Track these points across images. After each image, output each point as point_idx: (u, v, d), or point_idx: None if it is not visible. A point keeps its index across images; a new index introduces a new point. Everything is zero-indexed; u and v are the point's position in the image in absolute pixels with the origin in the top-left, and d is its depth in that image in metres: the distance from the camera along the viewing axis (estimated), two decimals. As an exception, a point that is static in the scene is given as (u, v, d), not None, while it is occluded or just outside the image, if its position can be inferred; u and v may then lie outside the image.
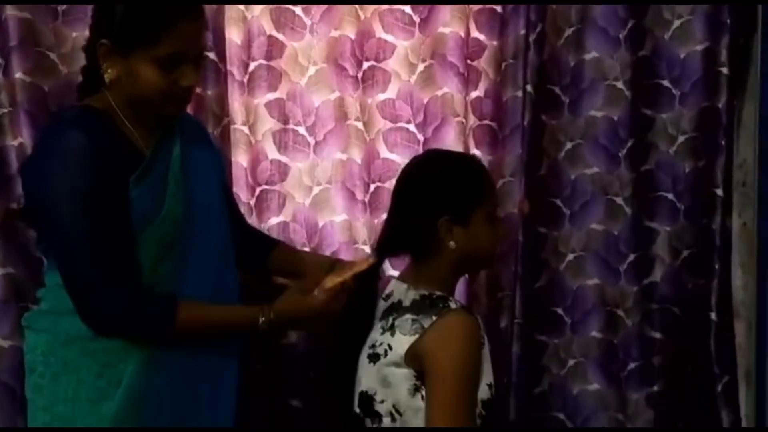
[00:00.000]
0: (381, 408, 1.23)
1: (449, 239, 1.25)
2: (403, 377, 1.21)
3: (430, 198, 1.26)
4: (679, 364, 1.96)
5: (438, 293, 1.25)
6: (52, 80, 1.63)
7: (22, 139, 1.62)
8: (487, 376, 1.24)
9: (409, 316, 1.22)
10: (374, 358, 1.24)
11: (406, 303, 1.25)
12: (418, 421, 1.21)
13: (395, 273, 1.59)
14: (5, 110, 1.61)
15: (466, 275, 1.71)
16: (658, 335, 1.97)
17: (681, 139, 1.91)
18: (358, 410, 1.28)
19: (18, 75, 1.59)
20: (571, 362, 2.01)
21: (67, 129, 1.20)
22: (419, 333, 1.19)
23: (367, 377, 1.26)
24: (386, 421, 1.23)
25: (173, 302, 1.24)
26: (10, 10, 1.55)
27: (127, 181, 1.22)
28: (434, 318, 1.20)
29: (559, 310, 1.99)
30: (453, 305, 1.22)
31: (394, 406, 1.22)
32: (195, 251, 1.31)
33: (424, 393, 1.20)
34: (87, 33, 1.58)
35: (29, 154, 1.28)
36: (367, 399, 1.25)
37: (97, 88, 1.28)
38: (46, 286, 1.32)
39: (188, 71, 1.24)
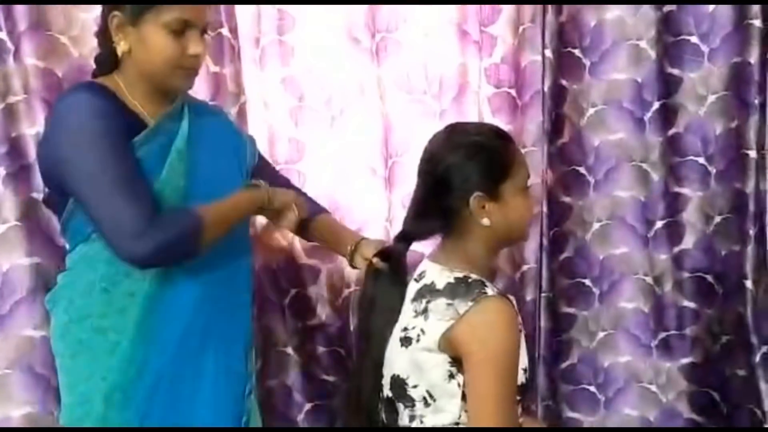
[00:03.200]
0: (414, 393, 1.19)
1: (483, 216, 1.20)
2: (436, 362, 1.17)
3: (459, 175, 1.19)
4: (714, 334, 1.90)
5: (474, 276, 1.19)
6: (65, 64, 1.63)
7: (39, 128, 1.61)
8: (522, 361, 1.19)
9: (443, 300, 1.17)
10: (406, 342, 1.20)
11: (440, 286, 1.19)
12: (453, 407, 1.17)
13: (419, 248, 1.55)
14: (20, 98, 1.61)
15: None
16: (691, 305, 1.91)
17: (711, 98, 1.83)
18: (390, 393, 1.25)
19: (30, 60, 1.59)
20: (600, 334, 1.97)
21: (74, 93, 1.24)
22: (454, 318, 1.15)
23: (399, 361, 1.22)
24: (419, 406, 1.19)
25: (189, 208, 1.26)
26: (17, -6, 1.55)
27: (131, 142, 1.25)
28: (470, 304, 1.14)
29: (587, 281, 1.95)
30: (490, 291, 1.16)
31: (427, 391, 1.18)
32: None
33: (460, 380, 1.16)
34: (97, 13, 1.61)
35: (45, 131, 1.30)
36: (400, 383, 1.21)
37: (108, 73, 1.31)
38: (67, 267, 1.34)
39: (195, 38, 1.28)
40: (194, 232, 1.23)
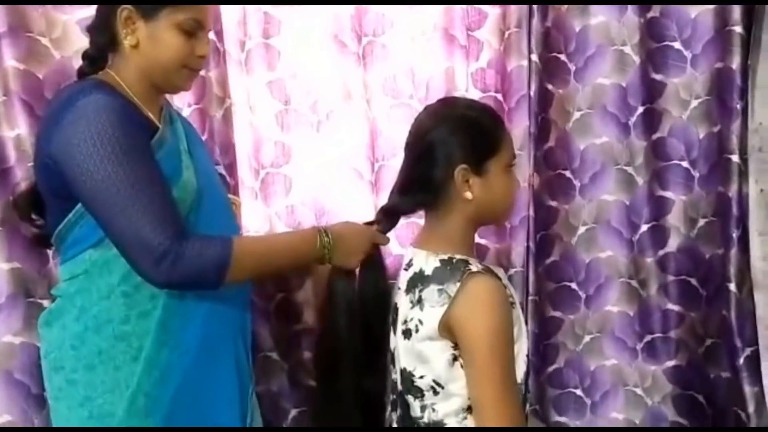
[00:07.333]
0: (421, 383, 1.21)
1: (466, 189, 1.21)
2: (439, 350, 1.18)
3: (446, 147, 1.20)
4: (698, 337, 1.92)
5: (458, 256, 1.20)
6: (45, 67, 1.60)
7: (19, 131, 1.59)
8: (523, 347, 1.20)
9: (434, 287, 1.18)
10: (407, 334, 1.22)
11: (429, 272, 1.20)
12: (461, 390, 1.18)
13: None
14: (-1, 99, 1.58)
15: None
16: (675, 307, 1.92)
17: (694, 103, 1.84)
18: (400, 388, 1.25)
19: (10, 62, 1.56)
20: (587, 338, 1.97)
21: (88, 94, 1.18)
22: (447, 303, 1.16)
23: (404, 354, 1.23)
24: (428, 395, 1.20)
25: (228, 238, 1.21)
26: (-4, -5, 1.52)
27: (150, 144, 1.23)
28: (458, 284, 1.16)
29: (573, 285, 1.95)
30: (474, 268, 1.17)
31: (434, 380, 1.19)
32: (205, 224, 1.29)
33: (462, 362, 1.17)
34: (78, 15, 1.59)
35: (46, 127, 1.21)
36: (408, 376, 1.22)
37: (97, 70, 1.29)
38: (67, 279, 1.26)
39: (204, 40, 1.28)
40: (220, 266, 1.17)
